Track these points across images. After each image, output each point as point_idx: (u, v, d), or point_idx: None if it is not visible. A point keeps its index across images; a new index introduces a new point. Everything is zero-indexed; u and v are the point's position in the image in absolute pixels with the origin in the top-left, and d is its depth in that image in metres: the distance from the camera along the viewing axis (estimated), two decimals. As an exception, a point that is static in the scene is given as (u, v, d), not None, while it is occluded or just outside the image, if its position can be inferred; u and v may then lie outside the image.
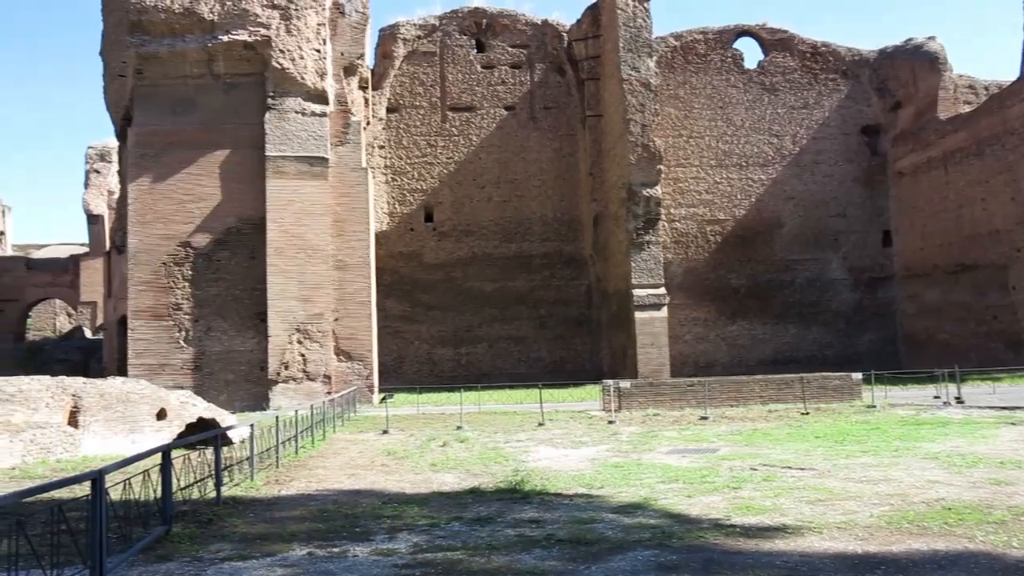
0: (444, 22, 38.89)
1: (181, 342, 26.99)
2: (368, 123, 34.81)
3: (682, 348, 36.50)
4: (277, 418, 14.18)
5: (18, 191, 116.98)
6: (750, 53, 40.24)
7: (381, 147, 37.83)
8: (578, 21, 38.49)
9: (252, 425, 12.74)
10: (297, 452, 15.04)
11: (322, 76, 28.07)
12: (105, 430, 15.79)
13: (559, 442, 16.32)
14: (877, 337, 38.96)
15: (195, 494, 10.07)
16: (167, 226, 27.25)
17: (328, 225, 27.87)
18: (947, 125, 36.34)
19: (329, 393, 25.44)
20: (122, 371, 26.56)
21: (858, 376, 23.29)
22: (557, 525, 8.50)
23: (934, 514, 8.42)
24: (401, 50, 38.28)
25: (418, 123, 38.33)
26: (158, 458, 8.48)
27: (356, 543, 7.96)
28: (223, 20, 27.18)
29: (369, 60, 33.98)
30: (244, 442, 13.90)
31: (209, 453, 11.26)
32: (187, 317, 27.09)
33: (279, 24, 27.40)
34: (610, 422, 19.72)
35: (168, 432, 16.47)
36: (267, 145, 27.33)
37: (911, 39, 39.56)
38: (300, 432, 15.75)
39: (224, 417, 17.89)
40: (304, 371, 26.96)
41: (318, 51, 28.05)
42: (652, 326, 32.06)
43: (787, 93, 39.64)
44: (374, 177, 34.31)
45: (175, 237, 27.28)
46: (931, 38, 38.99)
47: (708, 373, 30.66)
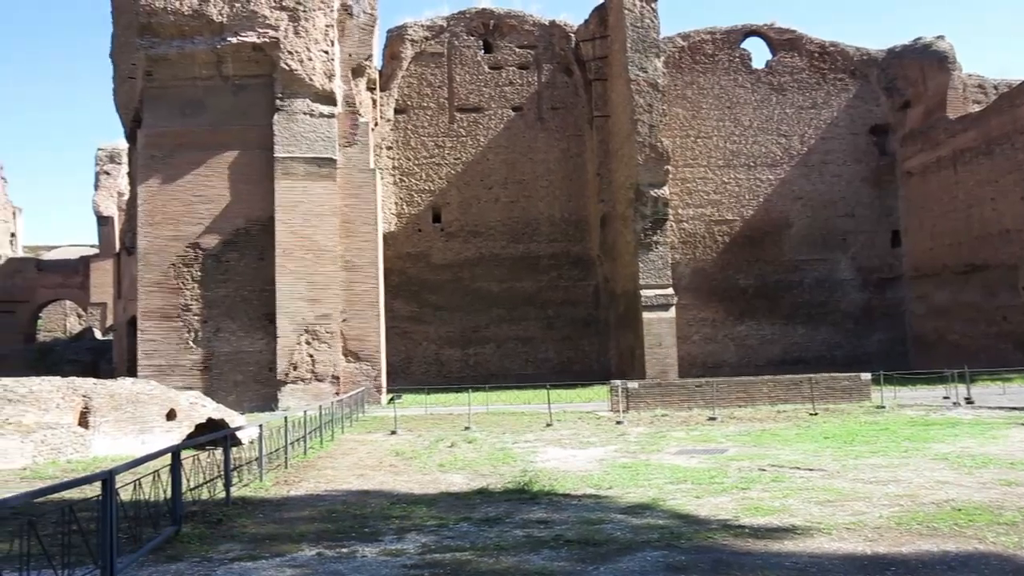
0: (452, 23, 38.93)
1: (190, 343, 27.08)
2: (376, 124, 34.87)
3: (690, 349, 36.46)
4: (286, 419, 14.21)
5: (29, 192, 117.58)
6: (758, 53, 40.25)
7: (389, 148, 37.89)
8: (585, 22, 38.46)
9: (261, 426, 12.80)
10: (306, 453, 15.07)
11: (330, 77, 28.13)
12: (115, 431, 15.86)
13: (567, 443, 16.31)
14: (886, 338, 38.83)
15: (204, 494, 10.11)
16: (176, 227, 27.36)
17: (336, 226, 27.93)
18: (956, 124, 36.22)
19: (337, 394, 25.49)
20: (132, 372, 26.68)
21: (867, 376, 23.22)
22: (565, 526, 8.50)
23: (944, 515, 8.39)
24: (409, 51, 38.33)
25: (426, 124, 38.37)
26: (168, 459, 8.51)
27: (365, 543, 7.98)
28: (232, 22, 27.27)
29: (377, 61, 34.07)
30: (253, 443, 13.95)
31: (218, 454, 11.30)
32: (196, 318, 27.18)
33: (287, 26, 27.48)
34: (618, 423, 19.71)
35: (178, 433, 16.53)
36: (275, 146, 27.42)
37: (920, 38, 39.46)
38: (309, 433, 15.79)
39: (233, 418, 17.95)
40: (312, 372, 27.02)
41: (326, 52, 28.11)
42: (660, 326, 32.05)
43: (795, 93, 39.56)
44: (382, 178, 34.36)
45: (184, 238, 27.38)
46: (940, 37, 38.89)
47: (716, 374, 30.62)
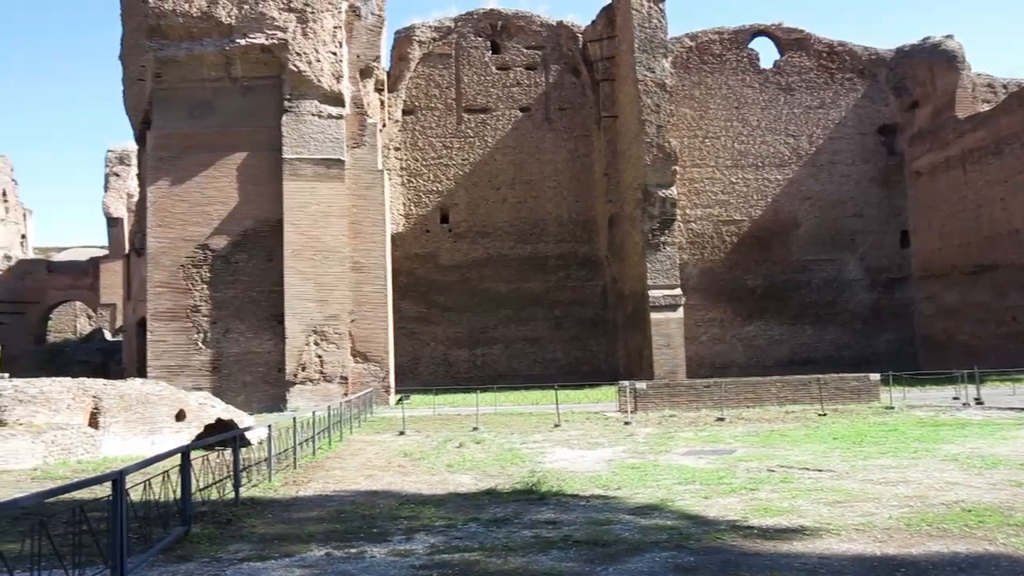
0: (459, 24, 38.97)
1: (199, 344, 27.16)
2: (384, 125, 34.91)
3: (698, 349, 36.40)
4: (294, 419, 14.25)
5: (39, 193, 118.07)
6: (766, 53, 40.18)
7: (397, 149, 37.94)
8: (593, 22, 38.46)
9: (270, 426, 12.83)
10: (314, 453, 15.10)
11: (338, 79, 28.19)
12: (125, 431, 15.93)
13: (575, 443, 16.32)
14: (895, 338, 38.70)
15: (214, 495, 10.14)
16: (185, 228, 27.45)
17: (344, 227, 27.98)
18: (965, 124, 36.06)
19: (346, 394, 25.53)
20: (141, 372, 26.78)
21: (876, 377, 23.15)
22: (574, 526, 8.51)
23: (954, 516, 8.37)
24: (416, 52, 38.38)
25: (434, 125, 38.42)
26: (177, 459, 8.55)
27: (373, 544, 8.00)
28: (240, 24, 27.35)
29: (385, 62, 34.10)
30: (262, 443, 13.98)
31: (227, 454, 11.34)
32: (205, 319, 27.26)
33: (296, 27, 27.55)
34: (626, 423, 19.70)
35: (187, 433, 16.58)
36: (284, 147, 27.48)
37: (928, 38, 39.31)
38: (317, 433, 15.83)
39: (242, 418, 18.00)
40: (321, 372, 27.08)
41: (334, 54, 28.17)
42: (668, 327, 32.01)
43: (803, 93, 39.46)
44: (390, 179, 34.42)
45: (193, 239, 27.47)
46: (949, 36, 38.74)
47: (724, 374, 30.57)
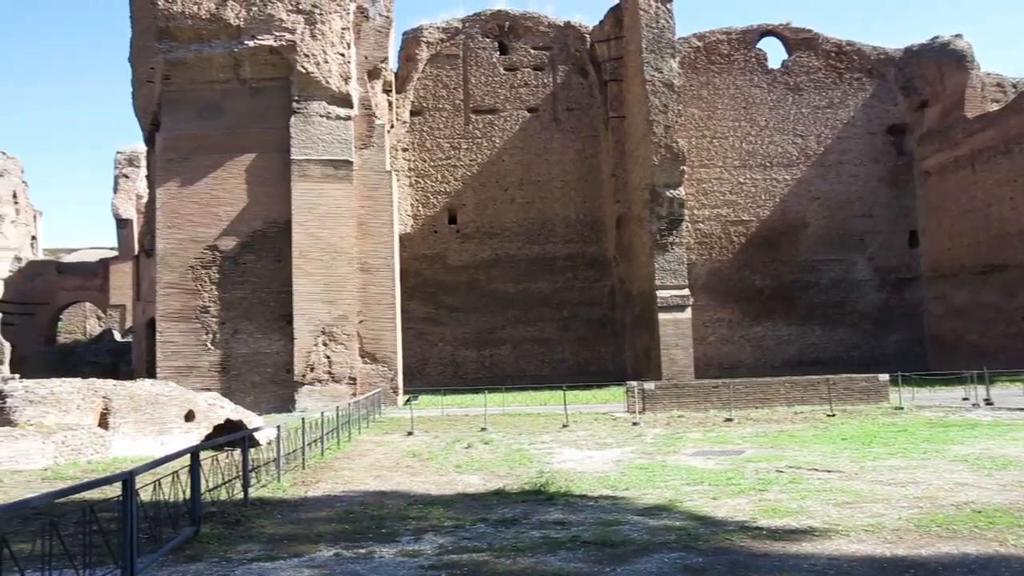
0: (467, 25, 38.99)
1: (208, 344, 27.25)
2: (392, 126, 34.97)
3: (706, 349, 36.34)
4: (303, 420, 14.27)
5: (48, 195, 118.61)
6: (774, 53, 40.08)
7: (405, 150, 37.99)
8: (600, 22, 38.42)
9: (279, 427, 12.85)
10: (323, 453, 15.14)
11: (346, 80, 28.25)
12: (134, 431, 15.99)
13: (583, 444, 16.31)
14: (904, 338, 38.56)
15: (223, 495, 10.17)
16: (194, 229, 27.55)
17: (353, 228, 28.04)
18: (975, 124, 35.91)
19: (354, 395, 25.58)
20: (151, 373, 26.90)
21: (885, 377, 23.08)
22: (582, 527, 8.51)
23: (964, 517, 8.34)
24: (424, 53, 38.42)
25: (441, 126, 38.45)
26: (187, 459, 8.58)
27: (382, 544, 8.02)
28: (249, 25, 27.44)
29: (393, 63, 34.17)
30: (271, 443, 14.02)
31: (236, 454, 11.37)
32: (214, 320, 27.35)
33: (304, 29, 27.62)
34: (634, 424, 19.68)
35: (196, 434, 16.64)
36: (292, 149, 27.56)
37: (937, 37, 39.15)
38: (326, 434, 15.85)
39: (251, 419, 18.05)
40: (329, 373, 27.13)
41: (342, 55, 28.23)
42: (676, 327, 31.96)
43: (811, 93, 39.36)
44: (398, 180, 34.46)
45: (202, 240, 27.56)
46: (958, 36, 38.58)
47: (732, 375, 30.52)
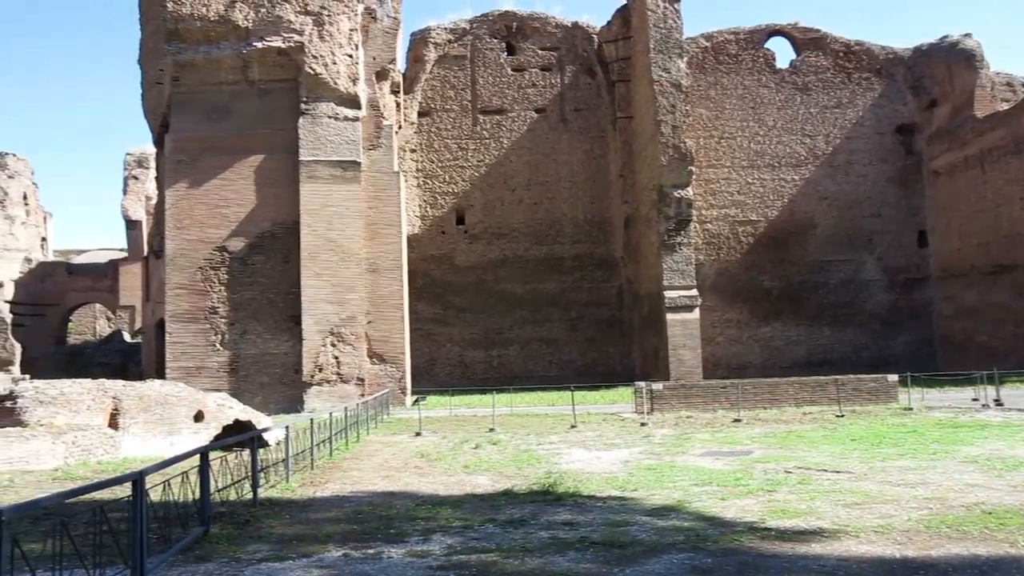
0: (475, 26, 39.02)
1: (217, 345, 27.33)
2: (400, 127, 35.01)
3: (714, 350, 36.28)
4: (312, 420, 14.31)
5: (58, 194, 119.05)
6: (782, 53, 40.00)
7: (413, 151, 38.03)
8: (608, 23, 38.40)
9: (287, 427, 12.90)
10: (331, 454, 15.16)
11: (354, 81, 28.30)
12: (144, 432, 16.05)
13: (592, 444, 16.30)
14: (913, 339, 38.42)
15: (232, 495, 10.20)
16: (203, 231, 27.64)
17: (361, 228, 28.08)
18: (984, 123, 35.76)
19: (362, 395, 25.62)
20: (160, 374, 26.97)
21: (894, 378, 23.00)
22: (591, 527, 8.50)
23: (974, 518, 8.30)
24: (432, 54, 38.46)
25: (449, 126, 38.48)
26: (196, 460, 8.60)
27: (391, 544, 8.03)
28: (257, 27, 27.51)
29: (401, 64, 34.21)
30: (279, 444, 14.05)
31: (245, 455, 11.39)
32: (223, 320, 27.43)
33: (312, 30, 27.68)
34: (642, 424, 19.66)
35: (205, 434, 16.69)
36: (300, 150, 27.62)
37: (946, 36, 39.02)
38: (334, 434, 15.88)
39: (260, 419, 18.09)
40: (338, 373, 27.18)
41: (350, 56, 28.28)
42: (684, 328, 31.92)
43: (820, 92, 39.26)
44: (406, 181, 34.50)
45: (211, 241, 27.65)
46: (967, 35, 38.45)
47: (741, 375, 30.48)
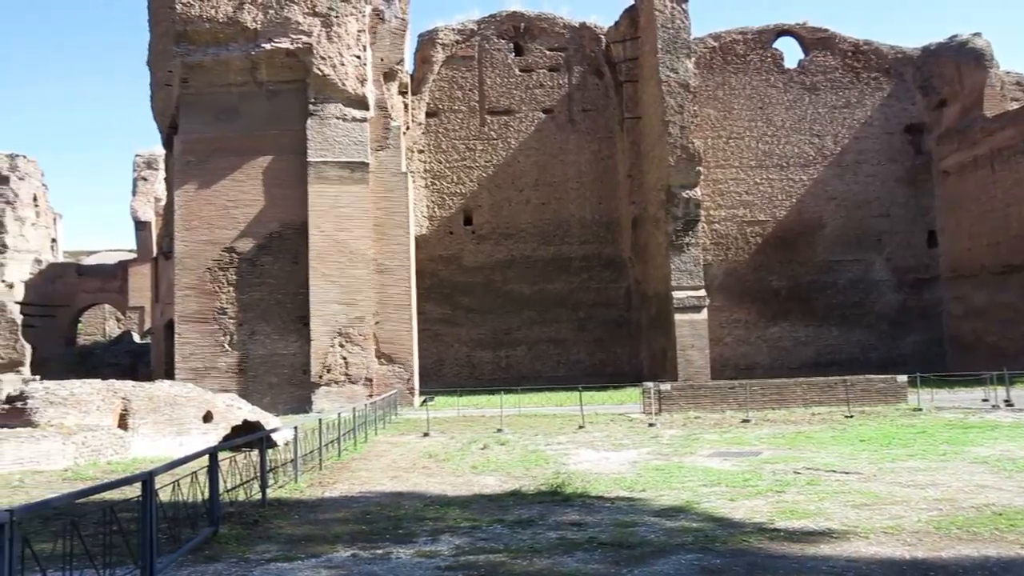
0: (482, 26, 39.04)
1: (226, 346, 27.40)
2: (408, 128, 35.05)
3: (722, 350, 36.19)
4: (320, 420, 14.35)
5: (68, 197, 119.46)
6: (790, 53, 39.87)
7: (420, 151, 38.07)
8: (616, 23, 38.37)
9: (296, 427, 12.92)
10: (340, 454, 15.19)
11: (362, 82, 28.34)
12: (153, 432, 16.11)
13: (600, 445, 16.29)
14: (922, 339, 38.26)
15: (241, 495, 10.23)
16: (212, 232, 27.72)
17: (369, 229, 28.11)
18: (994, 123, 35.59)
19: (370, 396, 25.64)
20: (169, 374, 27.06)
21: (903, 379, 22.93)
22: (599, 528, 8.50)
23: (984, 519, 8.27)
24: (440, 55, 38.49)
25: (457, 127, 38.51)
26: (205, 460, 8.63)
27: (399, 545, 8.04)
28: (265, 28, 27.57)
29: (408, 65, 34.24)
30: (288, 444, 14.09)
31: (254, 455, 11.43)
32: (232, 321, 27.50)
33: (320, 31, 27.73)
34: (651, 425, 19.65)
35: (214, 434, 16.74)
36: (309, 151, 27.67)
37: (956, 36, 38.84)
38: (343, 434, 15.92)
39: (268, 419, 18.14)
40: (346, 374, 27.22)
41: (358, 57, 28.32)
42: (692, 328, 31.87)
43: (828, 92, 39.13)
44: (414, 181, 34.52)
45: (220, 242, 27.72)
46: (976, 34, 38.26)
47: (749, 376, 30.41)
